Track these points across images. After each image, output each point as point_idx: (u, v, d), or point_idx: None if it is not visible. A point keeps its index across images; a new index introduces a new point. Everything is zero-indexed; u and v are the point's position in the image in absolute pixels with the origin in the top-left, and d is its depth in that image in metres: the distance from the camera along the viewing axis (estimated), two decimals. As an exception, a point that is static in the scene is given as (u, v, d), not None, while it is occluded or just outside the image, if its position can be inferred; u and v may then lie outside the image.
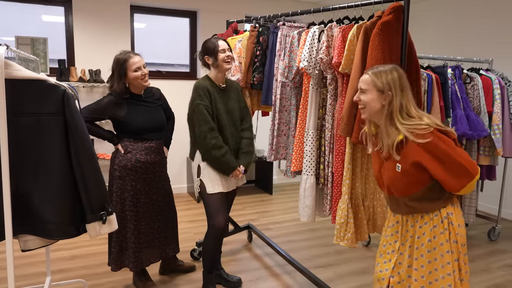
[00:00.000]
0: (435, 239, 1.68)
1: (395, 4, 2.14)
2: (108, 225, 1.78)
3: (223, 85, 2.59)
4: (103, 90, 4.61)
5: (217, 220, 2.52)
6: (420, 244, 1.70)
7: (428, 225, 1.69)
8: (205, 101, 2.43)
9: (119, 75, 2.46)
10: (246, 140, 2.66)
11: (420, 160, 1.61)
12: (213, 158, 2.45)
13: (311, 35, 2.35)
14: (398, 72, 1.69)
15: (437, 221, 1.68)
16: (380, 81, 1.67)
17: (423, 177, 1.64)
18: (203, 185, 2.54)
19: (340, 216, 2.28)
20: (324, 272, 3.08)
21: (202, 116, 2.41)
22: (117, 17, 4.62)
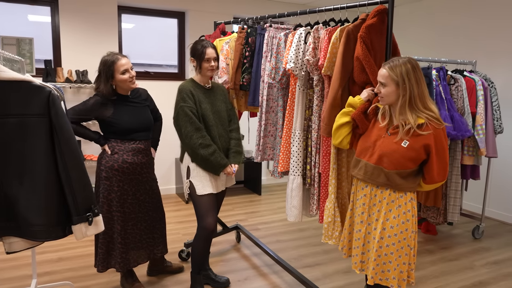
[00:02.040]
0: (399, 217, 1.89)
1: (379, 7, 2.17)
2: (94, 226, 1.78)
3: (208, 85, 2.61)
4: (90, 91, 4.58)
5: (207, 221, 2.53)
6: (386, 219, 1.91)
7: (394, 203, 1.91)
8: (188, 103, 2.45)
9: (106, 77, 2.45)
10: (235, 141, 2.68)
11: (430, 144, 1.83)
12: (201, 157, 2.46)
13: (298, 37, 2.37)
14: (411, 64, 1.86)
15: (401, 202, 1.90)
16: (395, 74, 1.83)
17: (419, 159, 1.87)
18: (192, 187, 2.55)
19: (327, 216, 2.31)
20: (311, 272, 3.10)
21: (187, 117, 2.43)
22: (105, 17, 4.60)
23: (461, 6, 4.77)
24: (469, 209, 4.75)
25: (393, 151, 1.86)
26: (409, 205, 1.90)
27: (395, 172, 1.87)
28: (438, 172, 1.88)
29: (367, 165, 1.95)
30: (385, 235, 1.91)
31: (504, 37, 4.33)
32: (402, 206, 1.90)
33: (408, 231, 1.90)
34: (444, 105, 3.39)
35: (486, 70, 4.49)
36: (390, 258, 1.90)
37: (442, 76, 3.48)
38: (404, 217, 1.89)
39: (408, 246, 1.90)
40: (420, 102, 1.84)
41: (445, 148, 1.86)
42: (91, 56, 4.57)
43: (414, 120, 1.84)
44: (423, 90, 1.85)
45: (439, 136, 1.84)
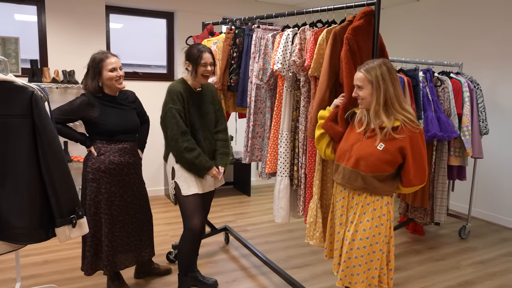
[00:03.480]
0: (372, 220, 1.88)
1: (366, 9, 2.18)
2: (78, 229, 1.75)
3: (198, 89, 2.59)
4: (77, 91, 4.53)
5: (193, 222, 2.52)
6: (359, 221, 1.91)
7: (369, 207, 1.90)
8: (177, 105, 2.43)
9: (94, 73, 2.44)
10: (221, 142, 2.67)
11: (406, 147, 1.82)
12: (186, 161, 2.45)
13: (285, 38, 2.37)
14: (386, 66, 1.85)
15: (377, 205, 1.89)
16: (371, 76, 1.84)
17: (396, 162, 1.86)
18: (178, 187, 2.53)
19: (310, 216, 2.32)
20: (299, 273, 3.11)
21: (174, 120, 2.41)
22: (92, 17, 4.55)
23: (448, 9, 4.83)
24: (456, 209, 4.80)
25: (369, 154, 1.86)
26: (384, 209, 1.89)
27: (371, 176, 1.87)
28: (415, 175, 1.86)
29: (345, 169, 1.95)
30: (357, 238, 1.89)
31: (490, 39, 4.39)
32: (377, 209, 1.89)
33: (381, 235, 1.88)
34: (431, 106, 3.42)
35: (472, 72, 4.54)
36: (360, 261, 1.88)
37: (429, 78, 3.52)
38: (378, 221, 1.88)
39: (380, 250, 1.88)
40: (396, 104, 1.84)
41: (422, 151, 1.85)
42: (78, 56, 4.52)
43: (389, 122, 1.84)
44: (399, 92, 1.85)
45: (415, 139, 1.83)
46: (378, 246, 1.88)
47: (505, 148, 4.30)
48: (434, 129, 3.33)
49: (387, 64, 1.86)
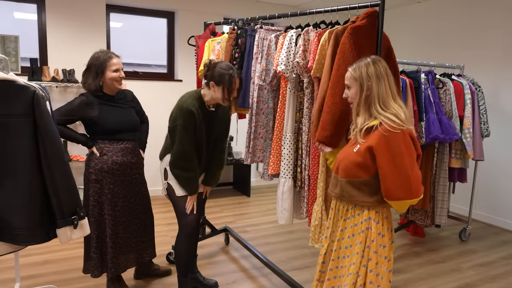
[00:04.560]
0: (353, 237, 1.76)
1: (369, 10, 2.17)
2: (79, 229, 1.73)
3: (212, 108, 2.49)
4: (77, 90, 4.50)
5: (188, 218, 2.50)
6: (342, 237, 1.82)
7: (350, 221, 1.78)
8: (187, 123, 2.33)
9: (97, 72, 2.42)
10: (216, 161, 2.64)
11: (374, 147, 1.64)
12: (178, 175, 2.44)
13: (289, 39, 2.36)
14: (375, 64, 1.73)
15: (357, 220, 1.75)
16: (357, 75, 1.74)
17: (369, 167, 1.68)
18: (171, 188, 2.51)
19: (314, 219, 2.30)
20: (300, 274, 3.09)
21: (181, 136, 2.34)
22: (92, 16, 4.53)
23: (449, 10, 4.82)
24: (456, 212, 4.80)
25: (345, 157, 1.77)
26: (363, 226, 1.73)
27: (346, 181, 1.75)
28: (394, 184, 1.61)
29: (333, 176, 1.88)
30: (340, 255, 1.82)
31: (491, 42, 4.39)
32: (358, 225, 1.75)
33: (359, 255, 1.72)
34: (432, 108, 3.41)
35: (473, 74, 4.54)
36: (340, 282, 1.79)
37: (430, 80, 3.51)
38: (358, 238, 1.74)
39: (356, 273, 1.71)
40: (378, 103, 1.69)
41: (402, 154, 1.61)
42: (78, 55, 4.50)
43: (363, 121, 1.72)
44: (384, 91, 1.70)
45: (391, 140, 1.61)
46: (354, 268, 1.72)
47: (506, 151, 4.30)
48: (435, 131, 3.32)
49: (376, 63, 1.73)
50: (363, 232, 1.73)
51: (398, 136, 1.62)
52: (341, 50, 2.07)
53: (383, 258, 1.72)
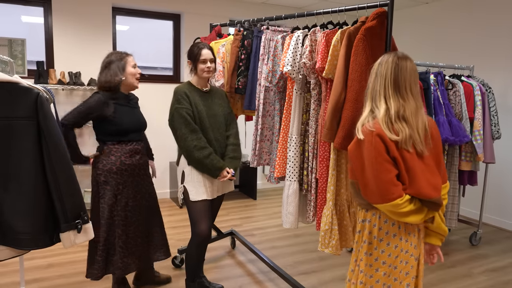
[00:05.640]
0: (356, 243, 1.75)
1: (379, 10, 2.13)
2: (83, 234, 1.71)
3: (206, 88, 2.56)
4: (83, 93, 4.50)
5: (200, 228, 2.47)
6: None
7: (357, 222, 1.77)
8: (183, 104, 2.40)
9: (118, 68, 2.45)
10: (232, 146, 2.60)
11: (349, 150, 1.66)
12: (196, 160, 2.39)
13: (295, 40, 2.32)
14: (381, 59, 1.69)
15: (358, 220, 1.75)
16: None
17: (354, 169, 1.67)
18: (186, 192, 2.48)
19: (324, 223, 2.25)
20: (307, 279, 3.04)
21: (182, 119, 2.38)
22: (99, 19, 4.53)
23: (458, 11, 4.76)
24: (467, 215, 4.72)
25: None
26: (359, 226, 1.72)
27: (350, 182, 1.76)
28: (362, 186, 1.61)
29: None
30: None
31: (502, 42, 4.32)
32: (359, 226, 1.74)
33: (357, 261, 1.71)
34: (442, 110, 3.35)
35: (483, 75, 4.47)
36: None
37: (440, 81, 3.45)
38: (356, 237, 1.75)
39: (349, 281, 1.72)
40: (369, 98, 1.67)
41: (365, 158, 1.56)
42: (84, 58, 4.50)
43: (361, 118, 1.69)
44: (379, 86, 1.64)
45: (358, 143, 1.60)
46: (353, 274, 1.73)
47: (517, 153, 4.22)
48: (445, 133, 3.26)
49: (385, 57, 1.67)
50: (360, 232, 1.73)
51: (367, 139, 1.57)
52: (355, 52, 2.04)
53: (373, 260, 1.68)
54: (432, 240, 1.76)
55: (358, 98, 2.04)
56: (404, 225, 1.66)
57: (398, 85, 1.63)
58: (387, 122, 1.58)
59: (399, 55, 1.67)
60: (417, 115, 1.61)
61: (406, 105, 1.61)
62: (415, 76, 1.66)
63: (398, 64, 1.64)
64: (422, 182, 1.55)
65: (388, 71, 1.64)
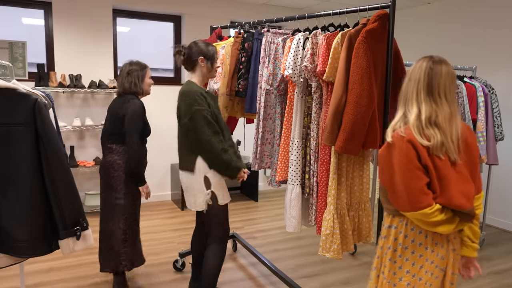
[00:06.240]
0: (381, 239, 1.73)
1: (380, 12, 2.11)
2: (82, 241, 1.69)
3: (207, 89, 2.55)
4: (84, 96, 4.49)
5: (225, 227, 2.50)
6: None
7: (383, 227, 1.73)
8: (203, 106, 2.27)
9: (139, 77, 2.66)
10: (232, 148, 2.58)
11: (379, 155, 1.60)
12: (223, 163, 2.30)
13: (296, 42, 2.30)
14: (415, 63, 1.63)
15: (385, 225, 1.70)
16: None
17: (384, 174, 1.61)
18: (214, 197, 2.39)
19: (325, 227, 2.23)
20: (309, 283, 3.02)
21: (204, 121, 2.25)
22: (99, 21, 4.52)
23: (460, 11, 4.73)
24: (469, 217, 4.68)
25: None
26: (384, 232, 1.69)
27: (380, 187, 1.73)
28: (390, 194, 1.58)
29: None
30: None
31: (504, 43, 4.29)
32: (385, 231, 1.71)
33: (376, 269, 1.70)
34: (444, 111, 3.32)
35: (486, 76, 4.43)
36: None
37: (442, 82, 3.42)
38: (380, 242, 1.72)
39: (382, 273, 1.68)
40: (402, 102, 1.62)
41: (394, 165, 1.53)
42: (85, 60, 4.49)
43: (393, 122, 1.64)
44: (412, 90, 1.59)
45: (387, 148, 1.56)
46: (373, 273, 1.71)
47: (521, 154, 4.19)
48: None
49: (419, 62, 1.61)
50: (385, 237, 1.68)
51: (396, 144, 1.53)
52: (356, 54, 2.02)
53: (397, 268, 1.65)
54: (467, 252, 1.66)
55: (359, 101, 2.02)
56: (432, 235, 1.60)
57: (431, 90, 1.57)
58: (418, 127, 1.54)
59: (434, 59, 1.59)
60: (451, 122, 1.54)
61: (439, 111, 1.54)
62: (450, 81, 1.58)
63: (433, 68, 1.58)
64: (454, 191, 1.48)
65: (422, 76, 1.58)
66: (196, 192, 2.39)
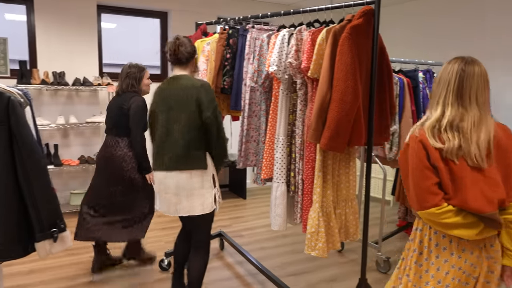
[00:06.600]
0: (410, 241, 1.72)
1: (365, 8, 2.09)
2: (60, 243, 1.64)
3: None
4: (68, 93, 4.41)
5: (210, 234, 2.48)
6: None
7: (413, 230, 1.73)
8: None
9: (136, 79, 2.90)
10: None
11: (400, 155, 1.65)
12: (225, 161, 2.42)
13: (281, 39, 2.27)
14: (446, 64, 1.59)
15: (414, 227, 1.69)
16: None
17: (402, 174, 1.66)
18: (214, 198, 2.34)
19: (311, 226, 2.21)
20: (296, 280, 3.00)
21: (220, 116, 2.29)
22: (83, 17, 4.43)
23: (448, 7, 4.74)
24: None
25: None
26: (412, 235, 1.70)
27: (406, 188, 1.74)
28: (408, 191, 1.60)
29: None
30: None
31: (494, 38, 4.31)
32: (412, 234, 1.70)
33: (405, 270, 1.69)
34: (431, 108, 3.33)
35: (472, 73, 4.44)
36: None
37: (429, 79, 3.42)
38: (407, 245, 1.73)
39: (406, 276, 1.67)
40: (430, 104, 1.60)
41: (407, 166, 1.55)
42: (69, 57, 4.40)
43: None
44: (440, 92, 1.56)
45: (405, 149, 1.59)
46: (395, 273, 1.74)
47: (506, 150, 4.21)
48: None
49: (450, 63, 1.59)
50: (412, 240, 1.67)
51: (410, 144, 1.55)
52: (341, 51, 1.99)
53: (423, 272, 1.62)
54: (507, 261, 1.55)
55: (344, 98, 1.99)
56: (457, 240, 1.53)
57: (461, 92, 1.52)
58: (433, 129, 1.52)
59: (467, 60, 1.55)
60: (480, 126, 1.48)
61: (467, 115, 1.50)
62: (483, 83, 1.52)
63: (465, 70, 1.53)
64: (470, 194, 1.43)
65: (452, 78, 1.53)
66: (204, 192, 2.26)
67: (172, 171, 2.22)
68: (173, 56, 2.29)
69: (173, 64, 2.33)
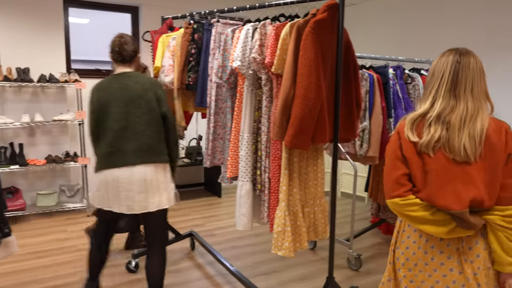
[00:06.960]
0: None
1: (329, 2, 2.04)
2: (4, 248, 1.54)
3: None
4: (33, 90, 4.24)
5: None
6: None
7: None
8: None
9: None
10: None
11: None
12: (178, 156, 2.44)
13: (245, 33, 2.21)
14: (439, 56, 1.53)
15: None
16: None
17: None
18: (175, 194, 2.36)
19: (277, 225, 2.16)
20: (266, 280, 2.96)
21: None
22: (48, 11, 4.26)
23: (419, 5, 4.76)
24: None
25: None
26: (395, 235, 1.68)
27: None
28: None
29: None
30: None
31: (466, 34, 4.34)
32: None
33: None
34: (401, 104, 3.33)
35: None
36: None
37: (399, 75, 3.42)
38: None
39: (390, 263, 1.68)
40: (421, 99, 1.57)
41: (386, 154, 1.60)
42: (33, 52, 4.24)
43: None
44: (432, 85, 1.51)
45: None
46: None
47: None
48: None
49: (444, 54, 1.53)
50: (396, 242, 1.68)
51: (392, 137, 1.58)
52: (304, 46, 1.94)
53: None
54: (497, 266, 1.45)
55: (307, 94, 1.95)
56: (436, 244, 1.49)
57: (455, 84, 1.46)
58: (414, 122, 1.49)
59: (461, 51, 1.49)
60: (473, 118, 1.41)
61: (458, 107, 1.43)
62: (479, 74, 1.46)
63: (460, 61, 1.47)
64: (440, 189, 1.40)
65: (447, 70, 1.48)
66: (166, 186, 2.26)
67: (136, 166, 2.14)
68: (117, 54, 2.30)
69: (117, 62, 2.34)
